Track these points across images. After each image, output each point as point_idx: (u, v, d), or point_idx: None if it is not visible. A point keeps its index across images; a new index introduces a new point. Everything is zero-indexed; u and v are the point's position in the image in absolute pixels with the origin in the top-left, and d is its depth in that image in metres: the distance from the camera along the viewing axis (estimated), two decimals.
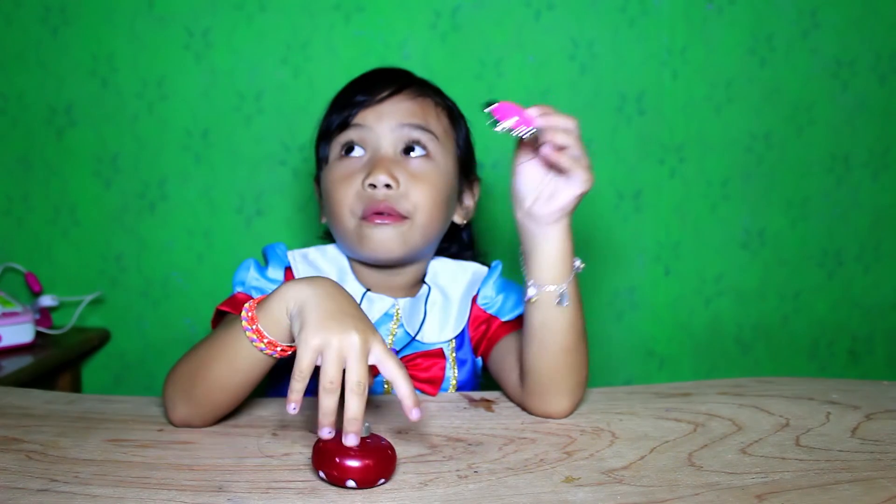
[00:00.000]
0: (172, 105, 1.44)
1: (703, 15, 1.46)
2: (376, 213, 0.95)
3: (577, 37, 1.46)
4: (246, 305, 0.78)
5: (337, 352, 0.71)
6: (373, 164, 0.96)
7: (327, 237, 1.15)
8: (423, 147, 0.98)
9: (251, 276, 0.99)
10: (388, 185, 0.95)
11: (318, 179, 1.07)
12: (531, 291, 0.84)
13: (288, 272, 1.02)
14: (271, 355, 0.79)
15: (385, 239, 0.96)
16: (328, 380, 0.70)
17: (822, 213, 1.53)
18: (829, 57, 1.49)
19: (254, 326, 0.77)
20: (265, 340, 0.77)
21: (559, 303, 0.84)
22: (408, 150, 0.98)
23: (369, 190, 0.95)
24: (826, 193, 1.53)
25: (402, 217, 0.96)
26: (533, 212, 0.83)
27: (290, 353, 0.78)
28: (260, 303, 0.78)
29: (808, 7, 1.48)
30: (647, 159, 1.49)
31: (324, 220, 1.07)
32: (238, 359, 0.79)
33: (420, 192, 0.97)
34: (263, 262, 1.03)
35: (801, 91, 1.50)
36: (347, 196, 0.97)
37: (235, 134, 1.45)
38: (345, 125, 0.99)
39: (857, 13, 1.48)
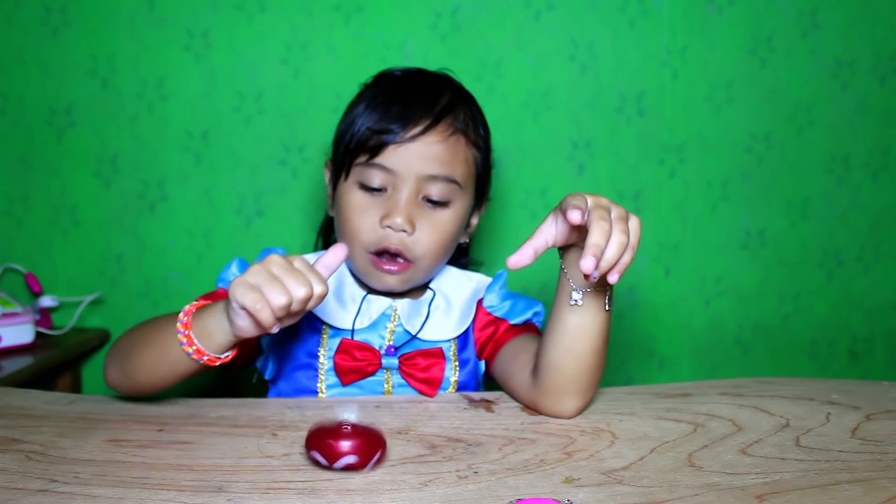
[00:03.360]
0: (172, 105, 1.44)
1: (703, 15, 1.46)
2: (386, 252, 0.98)
3: (577, 37, 1.46)
4: (185, 308, 0.83)
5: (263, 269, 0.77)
6: (392, 206, 0.97)
7: (325, 231, 1.17)
8: (445, 198, 0.99)
9: (231, 273, 1.02)
10: (403, 230, 0.97)
11: (331, 166, 1.07)
12: (576, 296, 0.84)
13: None
14: (197, 361, 0.82)
15: (389, 283, 1.00)
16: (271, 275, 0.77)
17: (822, 214, 1.53)
18: (829, 57, 1.49)
19: (186, 332, 0.81)
20: (194, 347, 0.81)
21: (607, 306, 0.85)
22: (428, 199, 0.99)
23: (385, 230, 0.97)
24: (826, 194, 1.53)
25: (408, 263, 0.99)
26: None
27: (216, 363, 0.83)
28: (198, 309, 0.82)
29: (808, 7, 1.48)
30: (647, 160, 1.49)
31: (331, 212, 1.08)
32: (168, 353, 0.83)
33: (431, 239, 0.99)
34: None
35: (801, 91, 1.50)
36: (364, 229, 0.98)
37: (235, 134, 1.45)
38: (371, 155, 0.97)
39: (857, 14, 1.48)
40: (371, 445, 0.74)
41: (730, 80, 1.48)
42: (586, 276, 0.78)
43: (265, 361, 1.04)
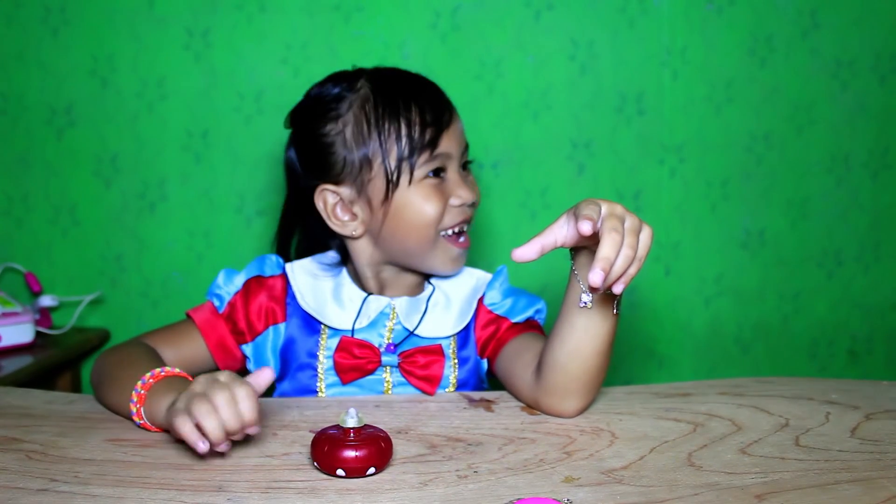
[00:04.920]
0: (172, 105, 1.44)
1: (703, 15, 1.47)
2: (459, 233, 1.03)
3: (576, 37, 1.46)
4: (146, 376, 0.85)
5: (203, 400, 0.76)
6: (456, 185, 1.02)
7: (282, 246, 1.13)
8: (468, 160, 1.07)
9: (216, 285, 1.05)
10: (473, 202, 1.03)
11: (355, 186, 1.02)
12: (585, 298, 0.83)
13: (279, 279, 1.05)
14: (138, 425, 0.86)
15: (460, 262, 1.05)
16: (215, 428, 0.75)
17: (822, 214, 1.53)
18: (828, 57, 1.49)
19: (139, 405, 0.85)
20: (141, 420, 0.85)
21: (615, 310, 0.86)
22: (465, 166, 1.05)
23: (460, 208, 1.02)
24: (826, 193, 1.53)
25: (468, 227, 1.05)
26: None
27: (162, 431, 0.85)
28: (157, 383, 0.85)
29: (807, 7, 1.48)
30: (647, 159, 1.49)
31: (356, 233, 1.02)
32: (123, 406, 0.87)
33: (478, 194, 1.05)
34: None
35: (801, 91, 1.50)
36: (438, 213, 1.01)
37: (235, 134, 1.45)
38: (432, 149, 1.00)
39: (857, 13, 1.48)
40: (370, 454, 0.74)
41: (729, 79, 1.48)
42: (593, 290, 0.78)
43: (262, 364, 1.04)
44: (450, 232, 1.02)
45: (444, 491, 0.72)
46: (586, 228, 0.76)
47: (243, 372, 1.05)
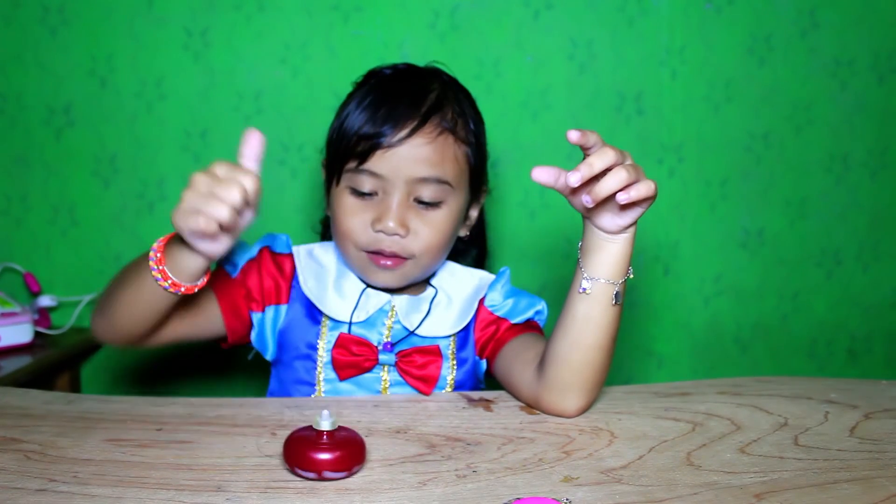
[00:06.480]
0: (171, 105, 1.44)
1: (702, 14, 1.47)
2: (380, 254, 0.98)
3: (575, 36, 1.46)
4: (154, 245, 0.85)
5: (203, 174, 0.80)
6: (383, 210, 0.96)
7: (324, 231, 1.17)
8: (436, 199, 0.98)
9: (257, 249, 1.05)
10: (396, 233, 0.96)
11: (326, 166, 1.06)
12: (585, 284, 0.85)
13: (288, 259, 1.05)
14: (175, 293, 0.86)
15: (386, 279, 1.00)
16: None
17: (821, 213, 1.54)
18: (827, 56, 1.49)
19: (160, 267, 0.84)
20: (169, 281, 0.84)
21: (615, 301, 0.86)
22: (420, 200, 0.98)
23: (377, 234, 0.97)
24: (825, 193, 1.53)
25: (403, 259, 0.98)
26: (602, 225, 0.84)
27: (194, 291, 0.86)
28: (167, 244, 0.84)
29: (806, 7, 1.48)
30: (646, 159, 1.49)
31: (328, 213, 1.06)
32: (144, 289, 0.86)
33: (427, 236, 0.98)
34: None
35: (800, 91, 1.50)
36: (356, 231, 0.98)
37: (234, 134, 1.44)
38: (360, 161, 0.96)
39: (856, 13, 1.49)
40: (352, 453, 0.74)
41: (728, 79, 1.48)
42: (587, 205, 0.80)
43: (262, 341, 1.04)
44: (368, 250, 0.98)
45: (442, 490, 0.72)
46: (574, 136, 0.78)
47: (248, 346, 1.05)
